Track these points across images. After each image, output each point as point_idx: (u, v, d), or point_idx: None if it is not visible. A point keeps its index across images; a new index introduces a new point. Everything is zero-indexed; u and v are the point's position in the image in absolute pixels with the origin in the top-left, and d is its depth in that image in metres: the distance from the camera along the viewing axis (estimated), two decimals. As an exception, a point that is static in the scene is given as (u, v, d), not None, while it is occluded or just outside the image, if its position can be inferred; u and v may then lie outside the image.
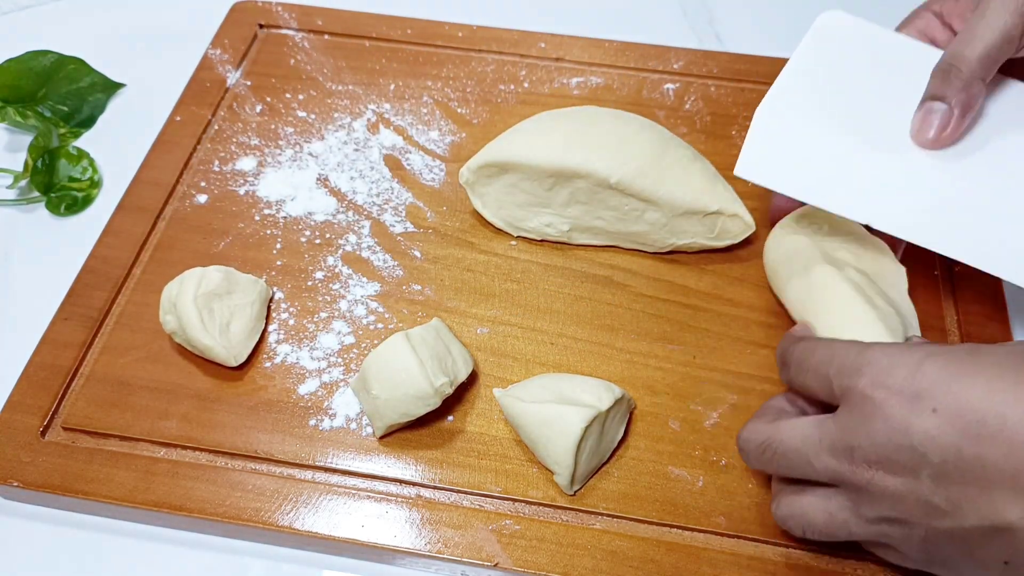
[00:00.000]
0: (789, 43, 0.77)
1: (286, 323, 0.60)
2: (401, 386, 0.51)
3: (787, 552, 0.51)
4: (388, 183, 0.68)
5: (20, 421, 0.55)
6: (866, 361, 0.42)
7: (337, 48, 0.77)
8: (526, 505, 0.52)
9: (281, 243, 0.64)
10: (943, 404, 0.39)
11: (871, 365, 0.42)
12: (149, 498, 0.52)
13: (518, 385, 0.54)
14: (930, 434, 0.39)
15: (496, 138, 0.62)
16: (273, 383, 0.57)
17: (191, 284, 0.56)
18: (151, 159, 0.69)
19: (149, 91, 0.77)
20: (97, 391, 0.56)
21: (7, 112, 0.72)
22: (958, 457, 0.38)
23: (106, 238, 0.64)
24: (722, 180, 0.60)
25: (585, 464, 0.51)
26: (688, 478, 0.53)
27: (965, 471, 0.38)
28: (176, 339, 0.57)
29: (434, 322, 0.55)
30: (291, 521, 0.51)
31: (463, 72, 0.75)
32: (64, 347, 0.58)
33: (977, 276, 0.61)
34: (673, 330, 0.60)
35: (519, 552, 0.50)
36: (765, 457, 0.46)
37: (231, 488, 0.52)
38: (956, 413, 0.39)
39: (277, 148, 0.70)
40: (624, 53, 0.76)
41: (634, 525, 0.52)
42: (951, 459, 0.39)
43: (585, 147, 0.58)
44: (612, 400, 0.51)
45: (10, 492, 0.53)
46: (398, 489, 0.53)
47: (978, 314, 0.60)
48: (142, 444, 0.54)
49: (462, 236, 0.65)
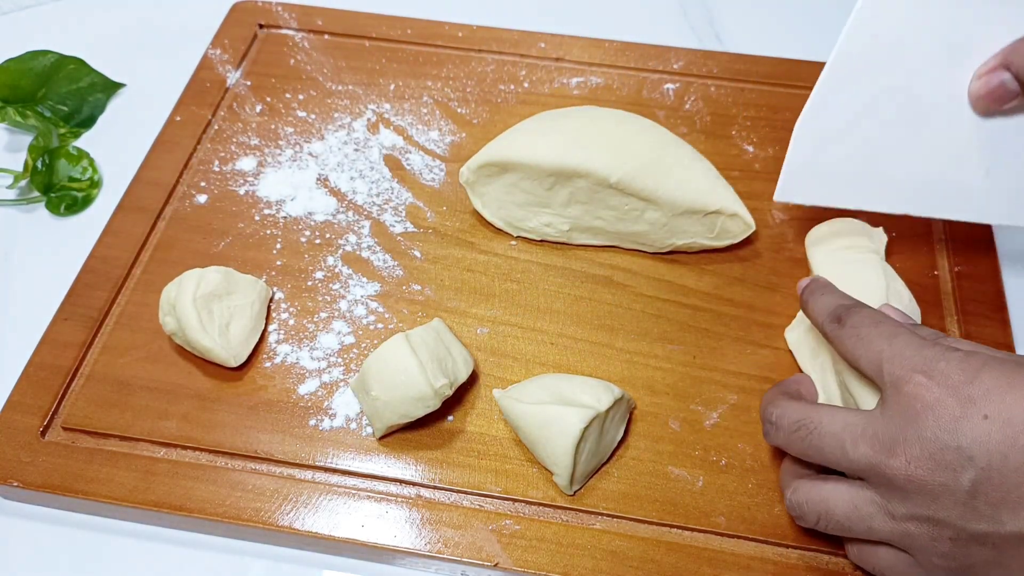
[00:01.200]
0: (789, 43, 0.78)
1: (286, 323, 0.60)
2: (400, 388, 0.51)
3: (787, 552, 0.51)
4: (388, 183, 0.68)
5: (20, 421, 0.55)
6: (924, 359, 0.42)
7: (337, 48, 0.77)
8: (526, 505, 0.52)
9: (281, 243, 0.64)
10: (995, 412, 0.39)
11: (929, 364, 0.42)
12: (149, 498, 0.52)
13: (517, 386, 0.54)
14: (979, 438, 0.39)
15: (496, 138, 0.62)
16: (273, 383, 0.57)
17: (190, 285, 0.56)
18: (151, 159, 0.69)
19: (149, 91, 0.77)
20: (97, 391, 0.56)
21: (7, 112, 0.72)
22: (1003, 463, 0.39)
23: (106, 238, 0.64)
24: (722, 180, 0.60)
25: (584, 464, 0.51)
26: (688, 478, 0.53)
27: (1009, 478, 0.39)
28: (176, 340, 0.57)
29: (435, 322, 0.55)
30: (291, 521, 0.51)
31: (463, 72, 0.75)
32: (64, 347, 0.58)
33: (977, 275, 0.62)
34: (673, 330, 0.60)
35: (519, 552, 0.50)
36: (797, 436, 0.46)
37: (231, 488, 0.52)
38: (1007, 421, 0.39)
39: (277, 148, 0.70)
40: (624, 53, 0.76)
41: (634, 525, 0.52)
42: (996, 464, 0.39)
43: (585, 147, 0.58)
44: (611, 401, 0.51)
45: (10, 492, 0.53)
46: (398, 489, 0.53)
47: (978, 313, 0.60)
48: (142, 444, 0.54)
49: (462, 236, 0.65)
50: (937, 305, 0.61)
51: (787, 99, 0.73)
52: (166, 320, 0.56)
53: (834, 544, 0.50)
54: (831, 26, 0.56)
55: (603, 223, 0.62)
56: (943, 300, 0.61)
